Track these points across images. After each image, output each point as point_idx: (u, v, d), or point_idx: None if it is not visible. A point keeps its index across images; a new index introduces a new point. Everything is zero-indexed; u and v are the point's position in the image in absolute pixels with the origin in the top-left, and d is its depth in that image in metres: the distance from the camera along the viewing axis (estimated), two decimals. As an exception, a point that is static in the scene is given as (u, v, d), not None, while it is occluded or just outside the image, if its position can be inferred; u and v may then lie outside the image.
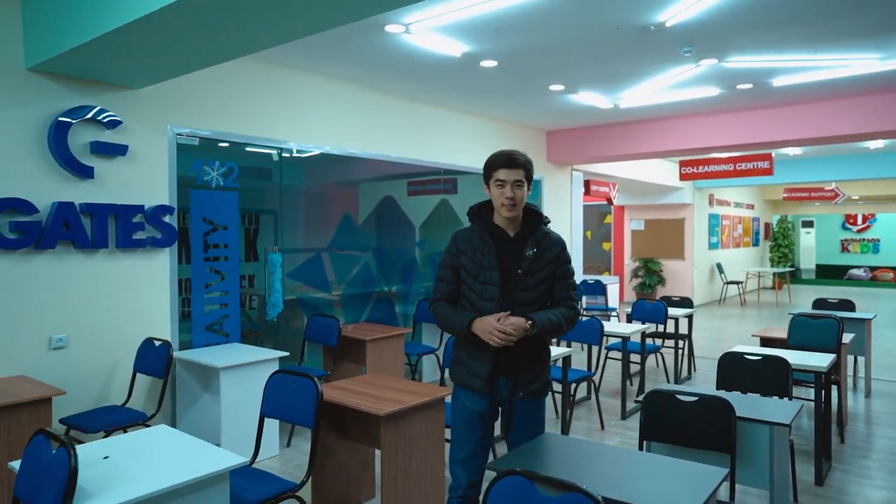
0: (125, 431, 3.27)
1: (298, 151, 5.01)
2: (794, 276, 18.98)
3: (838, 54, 4.64)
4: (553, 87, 5.63)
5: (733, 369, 3.45)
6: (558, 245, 2.43)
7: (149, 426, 3.26)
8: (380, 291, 5.88)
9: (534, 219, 2.44)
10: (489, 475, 2.00)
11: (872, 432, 4.65)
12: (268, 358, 4.03)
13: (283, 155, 4.91)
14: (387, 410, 2.77)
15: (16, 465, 2.07)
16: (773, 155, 8.10)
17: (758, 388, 3.34)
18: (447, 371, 2.68)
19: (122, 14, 2.82)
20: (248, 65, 4.55)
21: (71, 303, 3.66)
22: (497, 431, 2.53)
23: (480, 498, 2.12)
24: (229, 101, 4.48)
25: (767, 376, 3.36)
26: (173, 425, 4.06)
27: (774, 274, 15.87)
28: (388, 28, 3.99)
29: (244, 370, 3.90)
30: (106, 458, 2.11)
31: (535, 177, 7.71)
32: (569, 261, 2.47)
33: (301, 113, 4.98)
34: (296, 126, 4.94)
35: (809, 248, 20.43)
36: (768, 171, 7.51)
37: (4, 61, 3.40)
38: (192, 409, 4.16)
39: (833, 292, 11.47)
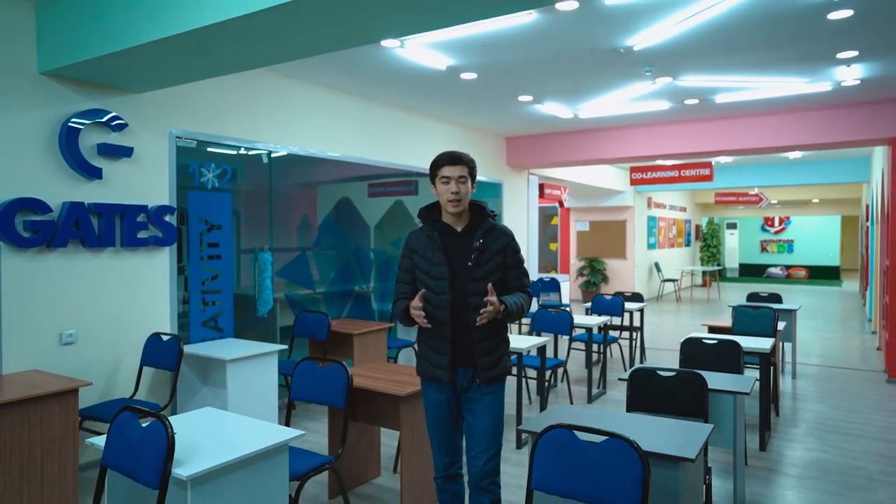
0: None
1: (288, 154, 5.22)
2: (721, 275, 20.42)
3: (771, 77, 5.30)
4: (522, 98, 6.07)
5: (694, 351, 3.97)
6: (505, 236, 2.51)
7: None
8: (359, 290, 6.14)
9: (480, 213, 2.53)
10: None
11: (800, 406, 5.33)
12: (268, 351, 4.25)
13: (273, 156, 5.11)
14: (406, 391, 3.09)
15: (96, 440, 2.28)
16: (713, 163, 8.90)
17: (715, 367, 3.86)
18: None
19: (140, 34, 3.08)
20: (244, 72, 4.73)
21: (80, 299, 3.77)
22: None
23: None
24: (225, 106, 4.65)
25: (722, 357, 3.90)
26: (175, 417, 4.20)
27: (704, 272, 17.07)
28: (385, 43, 4.30)
29: (248, 363, 4.11)
30: (175, 433, 2.34)
31: (496, 180, 8.19)
32: (518, 250, 2.54)
33: (291, 118, 5.20)
34: (285, 130, 5.15)
35: (733, 249, 22.00)
36: (709, 178, 8.28)
37: (19, 65, 3.49)
38: (192, 402, 4.31)
39: (755, 289, 12.54)
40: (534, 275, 8.96)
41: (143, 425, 2.11)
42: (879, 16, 3.82)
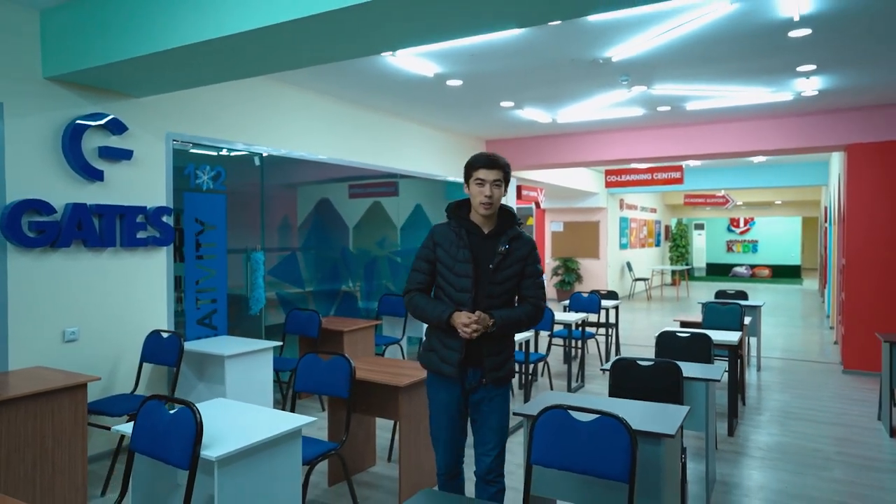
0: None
1: (278, 156, 5.37)
2: (690, 274, 21.04)
3: (738, 87, 5.64)
4: (503, 104, 6.32)
5: (668, 344, 4.25)
6: (529, 244, 2.54)
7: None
8: (346, 289, 6.31)
9: (508, 218, 2.56)
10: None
11: (764, 396, 5.69)
12: (264, 348, 4.40)
13: (264, 157, 5.25)
14: (405, 382, 3.29)
15: (122, 428, 2.43)
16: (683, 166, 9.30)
17: (687, 358, 4.15)
18: (415, 357, 2.84)
19: (144, 45, 3.24)
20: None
21: (81, 298, 3.87)
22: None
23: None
24: (219, 109, 4.79)
25: (694, 349, 4.19)
26: (173, 413, 4.32)
27: (673, 271, 17.60)
28: (377, 51, 4.49)
29: (245, 359, 4.25)
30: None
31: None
32: (538, 261, 2.57)
33: (282, 121, 5.35)
34: (277, 133, 5.30)
35: (700, 249, 22.69)
36: (679, 181, 8.66)
37: (26, 70, 3.58)
38: (189, 397, 4.43)
39: (722, 287, 13.07)
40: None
41: (171, 412, 2.27)
42: (834, 35, 4.16)
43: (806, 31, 4.09)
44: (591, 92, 5.80)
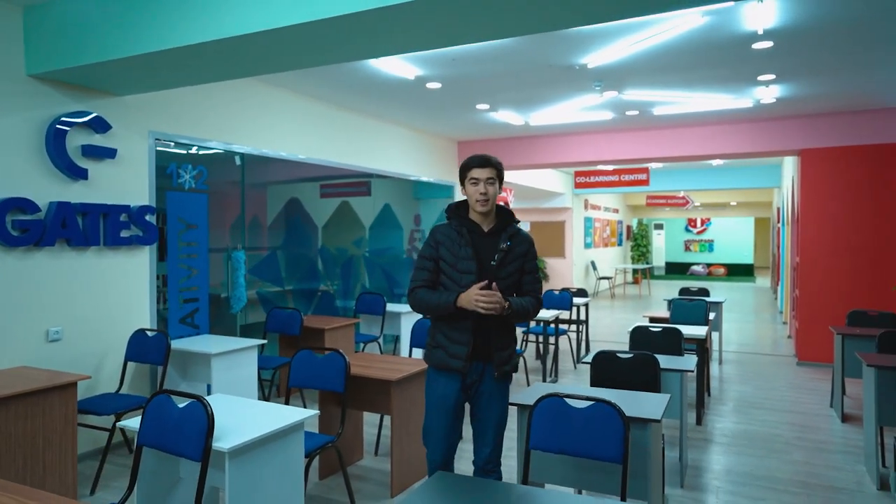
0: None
1: (258, 155, 5.39)
2: (650, 272, 21.65)
3: (702, 94, 5.93)
4: (479, 106, 6.47)
5: (641, 338, 4.47)
6: (528, 241, 2.68)
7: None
8: (324, 287, 6.36)
9: (506, 216, 2.67)
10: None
11: (726, 388, 5.99)
12: (249, 346, 4.43)
13: (245, 157, 5.26)
14: (397, 377, 3.40)
15: (128, 423, 2.47)
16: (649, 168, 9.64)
17: (659, 351, 4.37)
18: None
19: (128, 46, 3.26)
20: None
21: (65, 297, 3.84)
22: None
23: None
24: (201, 109, 4.79)
25: (665, 342, 4.42)
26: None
27: (635, 270, 18.11)
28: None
29: (230, 357, 4.28)
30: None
31: (447, 182, 8.57)
32: (535, 257, 2.70)
33: (263, 121, 5.37)
34: (257, 133, 5.32)
35: (660, 248, 23.38)
36: (645, 182, 8.98)
37: (8, 68, 3.54)
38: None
39: (681, 285, 13.60)
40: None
41: (180, 406, 2.33)
42: (794, 47, 4.45)
43: (768, 44, 4.36)
44: (565, 96, 6.00)
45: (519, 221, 2.72)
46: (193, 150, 4.79)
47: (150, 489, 2.49)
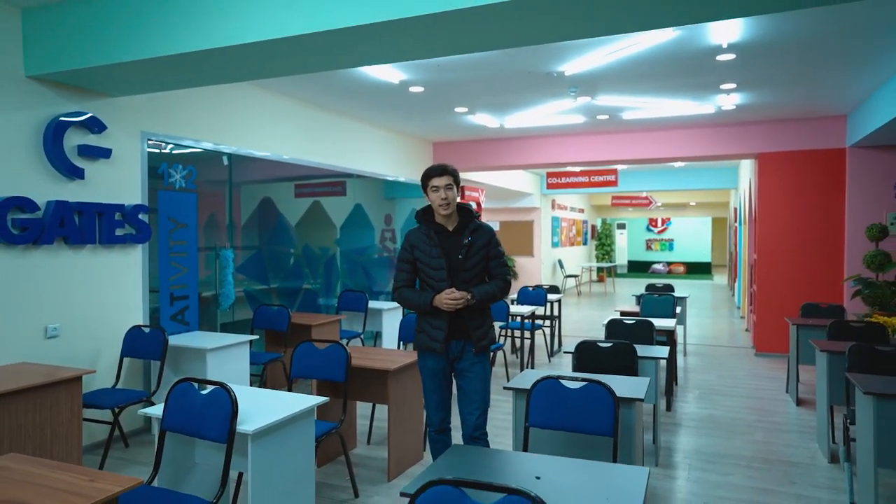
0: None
1: (246, 155, 5.49)
2: (614, 271, 22.26)
3: (668, 100, 6.29)
4: (458, 109, 6.69)
5: (616, 330, 4.76)
6: (488, 233, 3.04)
7: (153, 403, 3.80)
8: (307, 286, 6.48)
9: (467, 215, 3.05)
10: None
11: (691, 377, 6.37)
12: (242, 341, 4.55)
13: (232, 157, 5.36)
14: (394, 367, 3.59)
15: (150, 410, 2.60)
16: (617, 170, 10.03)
17: (634, 341, 4.66)
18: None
19: (126, 51, 3.37)
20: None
21: (62, 295, 3.90)
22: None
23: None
24: (191, 109, 4.88)
25: (639, 333, 4.72)
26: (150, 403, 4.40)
27: (600, 268, 18.63)
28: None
29: (224, 352, 4.40)
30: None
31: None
32: (498, 244, 3.07)
33: (251, 123, 5.47)
34: (244, 134, 5.43)
35: (622, 247, 24.05)
36: (614, 183, 9.36)
37: (6, 68, 3.59)
38: (163, 390, 4.52)
39: (644, 283, 14.10)
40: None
41: (203, 393, 2.48)
42: (754, 60, 4.82)
43: (731, 56, 4.71)
44: (541, 100, 6.28)
45: (479, 216, 3.05)
46: (184, 150, 4.87)
47: (171, 472, 2.63)
